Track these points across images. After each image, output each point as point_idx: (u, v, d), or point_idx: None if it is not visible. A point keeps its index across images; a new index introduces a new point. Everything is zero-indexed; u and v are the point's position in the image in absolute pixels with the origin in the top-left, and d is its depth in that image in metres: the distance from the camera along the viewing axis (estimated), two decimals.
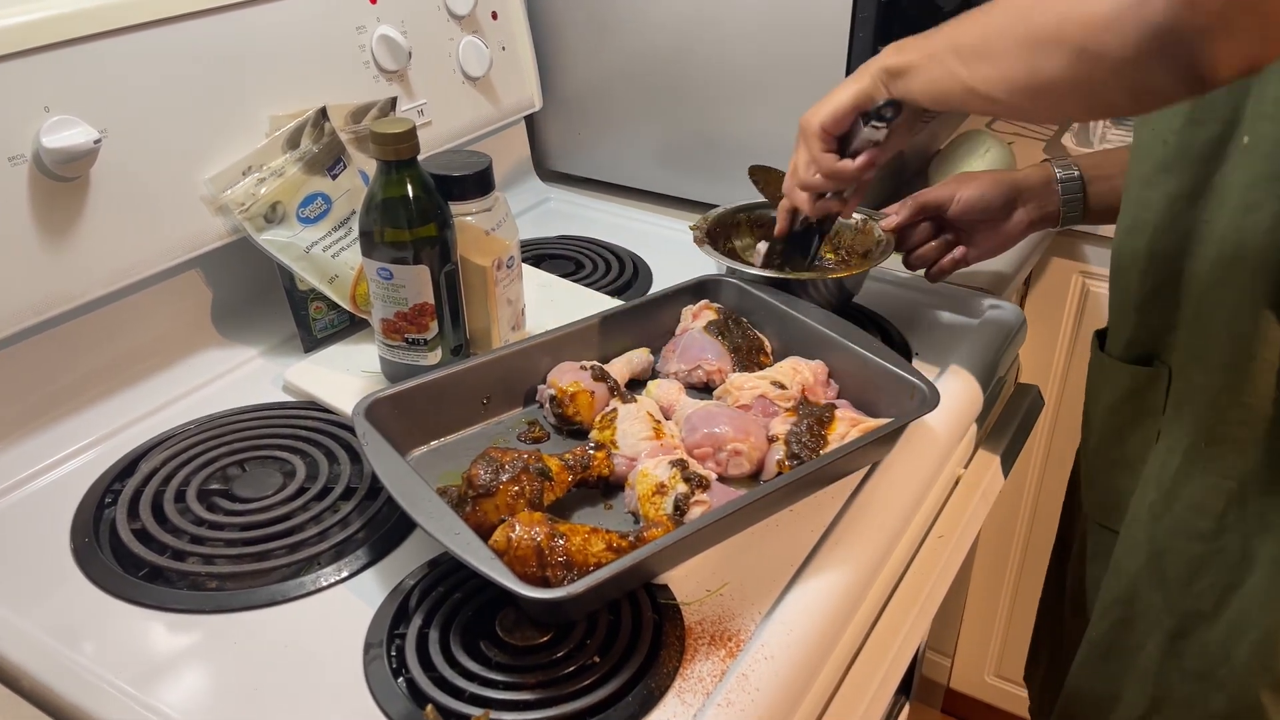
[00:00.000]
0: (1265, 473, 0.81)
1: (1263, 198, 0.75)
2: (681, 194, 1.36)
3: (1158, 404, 0.89)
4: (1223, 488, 0.83)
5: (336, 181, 1.00)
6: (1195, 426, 0.84)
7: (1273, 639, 0.81)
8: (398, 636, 0.70)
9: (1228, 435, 0.82)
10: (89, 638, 0.70)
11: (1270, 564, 0.81)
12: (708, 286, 1.02)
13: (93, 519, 0.81)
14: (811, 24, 1.14)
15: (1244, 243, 0.77)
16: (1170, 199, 0.82)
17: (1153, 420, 0.90)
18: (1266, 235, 0.76)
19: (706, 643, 0.69)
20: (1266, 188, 0.75)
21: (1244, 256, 0.78)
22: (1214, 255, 0.80)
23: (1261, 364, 0.79)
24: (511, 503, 0.74)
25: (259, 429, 0.91)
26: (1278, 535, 0.80)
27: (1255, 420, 0.80)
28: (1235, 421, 0.81)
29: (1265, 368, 0.79)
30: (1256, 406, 0.80)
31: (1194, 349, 0.84)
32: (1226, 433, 0.82)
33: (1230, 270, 0.79)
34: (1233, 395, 0.81)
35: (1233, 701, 0.86)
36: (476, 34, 1.24)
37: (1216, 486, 0.84)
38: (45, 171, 0.84)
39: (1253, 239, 0.77)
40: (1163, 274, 0.85)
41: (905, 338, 1.04)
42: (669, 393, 0.91)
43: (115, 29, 0.88)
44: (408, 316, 0.90)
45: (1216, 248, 0.80)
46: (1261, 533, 0.81)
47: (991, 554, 1.64)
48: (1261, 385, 0.79)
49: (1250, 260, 0.77)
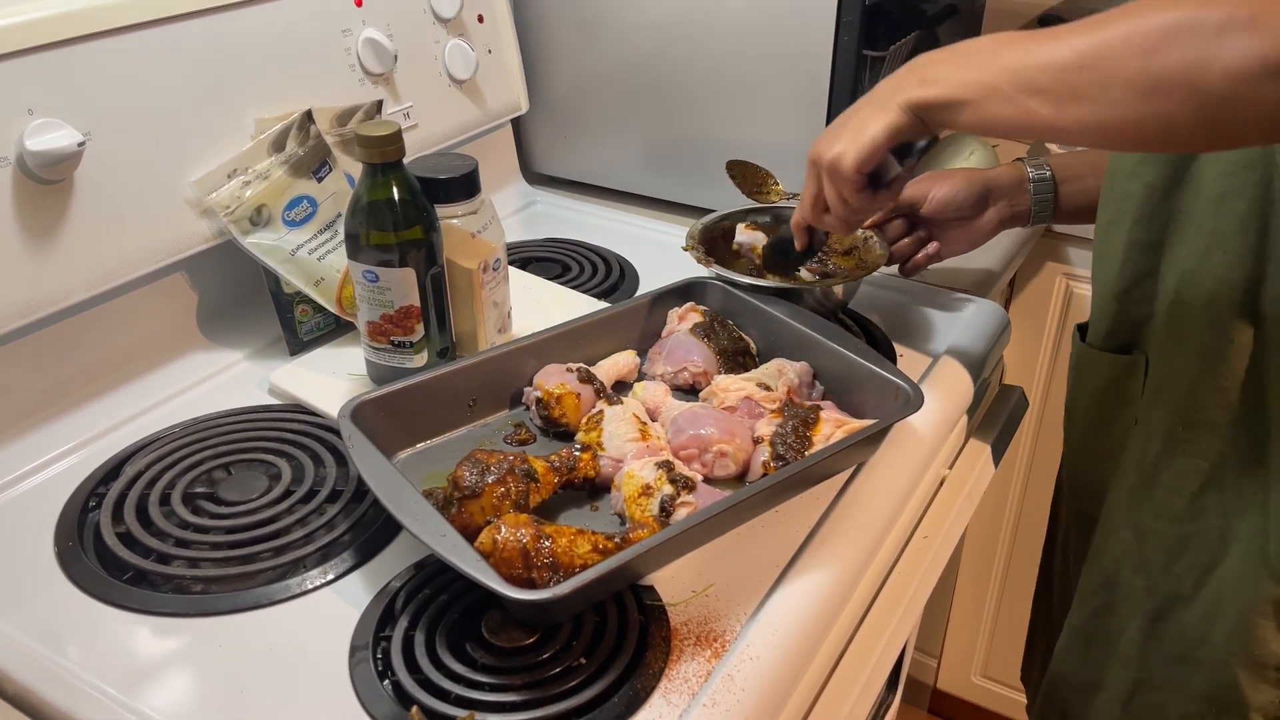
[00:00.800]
0: (1240, 455, 0.82)
1: (1238, 184, 0.77)
2: (667, 196, 1.37)
3: (1136, 391, 0.91)
4: (1200, 470, 0.85)
5: (322, 184, 1.00)
6: (1173, 411, 0.86)
7: (1249, 619, 0.83)
8: (384, 639, 0.70)
9: (1205, 419, 0.84)
10: (73, 641, 0.70)
11: (1246, 544, 0.83)
12: (693, 289, 1.02)
13: (77, 522, 0.81)
14: (796, 27, 1.15)
15: (1220, 230, 0.79)
16: (1149, 189, 0.84)
17: (1132, 408, 0.92)
18: (1241, 221, 0.77)
19: (692, 643, 0.69)
20: (1242, 175, 0.77)
21: (1220, 244, 0.79)
22: (1191, 243, 0.82)
23: (1237, 348, 0.80)
24: (497, 504, 0.74)
25: (244, 432, 0.91)
26: (1253, 516, 0.82)
27: (1230, 403, 0.82)
28: (1212, 405, 0.83)
29: (1240, 352, 0.80)
30: (1231, 390, 0.81)
31: (1172, 335, 0.85)
32: (1203, 416, 0.84)
33: (1206, 258, 0.81)
34: (1210, 379, 0.82)
35: (1211, 682, 0.87)
36: (462, 37, 1.24)
37: (1194, 469, 0.85)
38: (29, 174, 0.84)
39: (1228, 225, 0.79)
40: (1142, 264, 0.87)
41: (890, 339, 1.05)
42: (655, 395, 0.91)
43: (99, 31, 0.88)
44: (393, 319, 0.90)
45: (1193, 236, 0.81)
46: (1238, 514, 0.83)
47: (977, 555, 1.65)
48: (1236, 369, 0.81)
49: (1226, 246, 0.79)
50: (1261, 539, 0.81)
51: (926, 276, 1.17)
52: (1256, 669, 0.84)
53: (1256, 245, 0.77)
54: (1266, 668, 0.84)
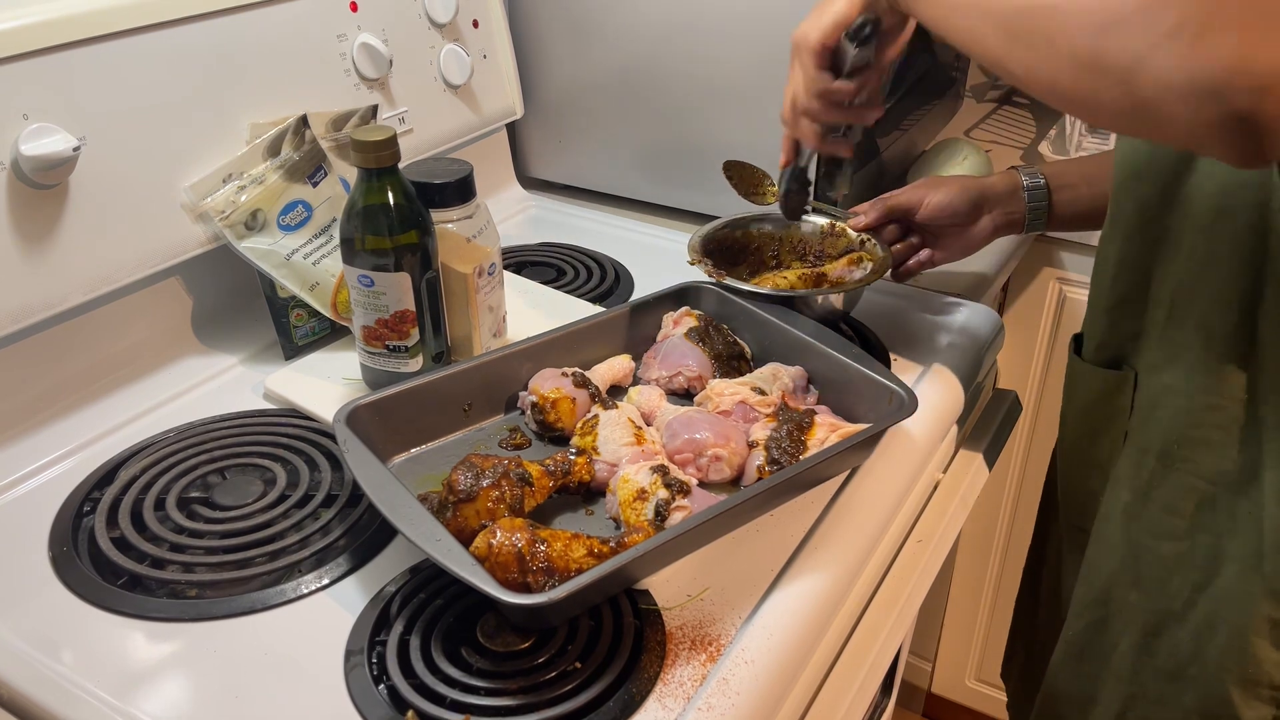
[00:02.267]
0: (1237, 473, 0.82)
1: (1234, 204, 0.76)
2: (662, 201, 1.37)
3: (1125, 407, 0.91)
4: (1196, 488, 0.85)
5: (317, 189, 1.00)
6: (1169, 428, 0.86)
7: (1243, 637, 0.83)
8: (379, 643, 0.70)
9: (1201, 437, 0.83)
10: (68, 646, 0.70)
11: (1240, 563, 0.82)
12: (688, 293, 1.02)
13: (71, 527, 0.80)
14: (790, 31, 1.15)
15: (1214, 250, 0.79)
16: (1141, 205, 0.83)
17: (1121, 423, 0.92)
18: (1236, 240, 0.77)
19: (687, 647, 0.69)
20: (1238, 194, 0.76)
21: (1215, 261, 0.79)
22: (1184, 262, 0.81)
23: (1233, 367, 0.80)
24: (492, 508, 0.74)
25: (239, 436, 0.91)
26: (1248, 535, 0.82)
27: (1228, 422, 0.82)
28: (1208, 424, 0.83)
29: (1236, 371, 0.80)
30: (1228, 408, 0.81)
31: (1166, 352, 0.85)
32: (1200, 435, 0.83)
33: (1202, 276, 0.80)
34: (1206, 398, 0.82)
35: (1204, 698, 0.87)
36: (457, 42, 1.24)
37: (1190, 487, 0.85)
38: (24, 179, 0.84)
39: (1222, 246, 0.78)
40: (1131, 280, 0.87)
41: (884, 343, 1.05)
42: (650, 399, 0.91)
43: (94, 36, 0.88)
44: (389, 324, 0.90)
45: (1188, 254, 0.81)
46: (1232, 533, 0.83)
47: (972, 559, 1.65)
48: (1233, 388, 0.80)
49: (1222, 264, 0.79)
50: (1256, 557, 0.81)
51: (920, 281, 1.17)
52: (1250, 686, 0.84)
53: (1252, 265, 0.77)
54: (1260, 685, 0.83)
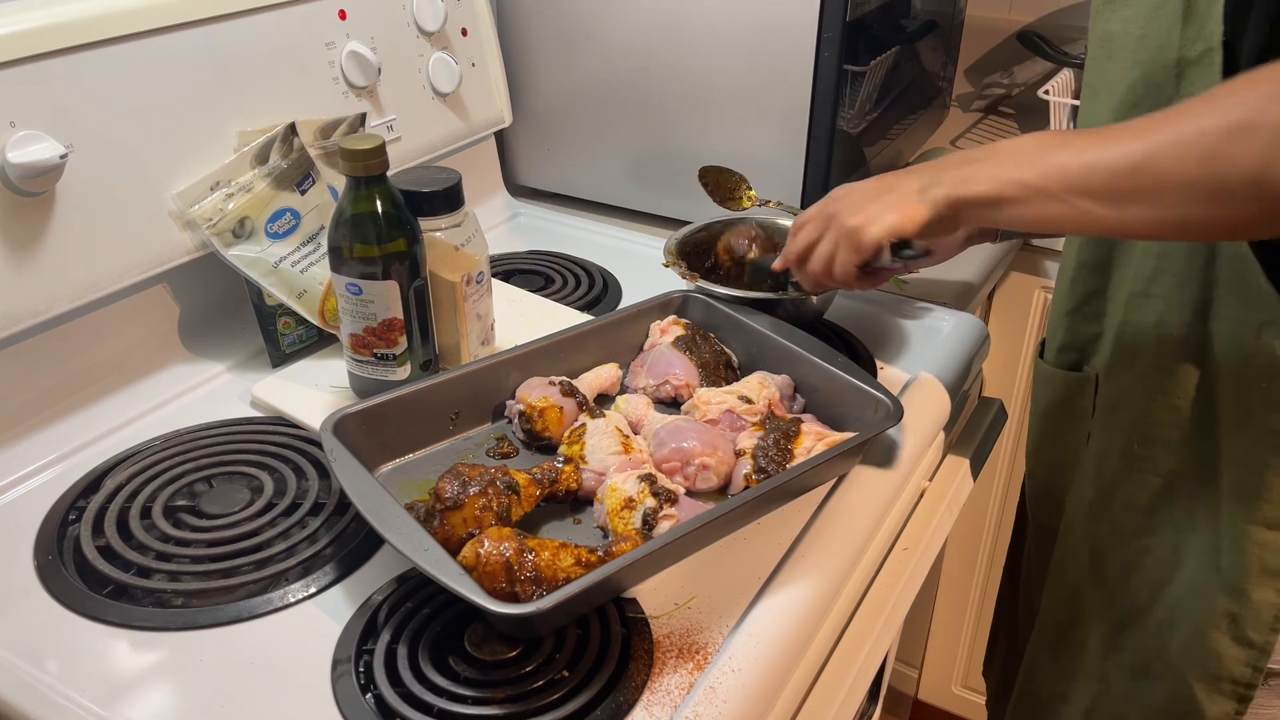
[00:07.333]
0: (1193, 471, 0.84)
1: None
2: (650, 209, 1.37)
3: (1086, 408, 0.93)
4: (1153, 486, 0.87)
5: (305, 197, 1.00)
6: (1129, 429, 0.87)
7: (1203, 633, 0.84)
8: (366, 652, 0.70)
9: (1159, 436, 0.85)
10: (53, 655, 0.70)
11: (1198, 559, 0.84)
12: (675, 302, 1.03)
13: (57, 535, 0.80)
14: (778, 42, 1.16)
15: (1167, 252, 0.81)
16: None
17: (1083, 424, 0.94)
18: (1188, 244, 0.79)
19: (674, 656, 0.70)
20: None
21: (1168, 266, 0.81)
22: (1139, 265, 0.83)
23: (1188, 367, 0.82)
24: (479, 516, 0.74)
25: (226, 445, 0.91)
26: (1205, 532, 0.83)
27: (1182, 421, 0.83)
28: (1165, 423, 0.84)
29: (1190, 371, 0.82)
30: (1183, 408, 0.83)
31: (1123, 354, 0.87)
32: (1158, 434, 0.85)
33: (1155, 281, 0.82)
34: (1163, 398, 0.84)
35: (1169, 694, 0.88)
36: (446, 50, 1.25)
37: (1149, 485, 0.87)
38: (10, 186, 0.84)
39: (1175, 249, 0.80)
40: (1089, 284, 0.90)
41: (870, 351, 1.06)
42: (637, 408, 0.91)
43: (82, 44, 0.88)
44: (376, 332, 0.90)
45: (1140, 258, 0.83)
46: (1190, 529, 0.84)
47: (958, 567, 1.66)
48: (1188, 387, 0.82)
49: (1174, 269, 0.80)
50: (1213, 554, 0.83)
51: (906, 290, 1.18)
52: (1212, 681, 0.85)
53: (1204, 268, 0.78)
54: (1221, 680, 0.85)
